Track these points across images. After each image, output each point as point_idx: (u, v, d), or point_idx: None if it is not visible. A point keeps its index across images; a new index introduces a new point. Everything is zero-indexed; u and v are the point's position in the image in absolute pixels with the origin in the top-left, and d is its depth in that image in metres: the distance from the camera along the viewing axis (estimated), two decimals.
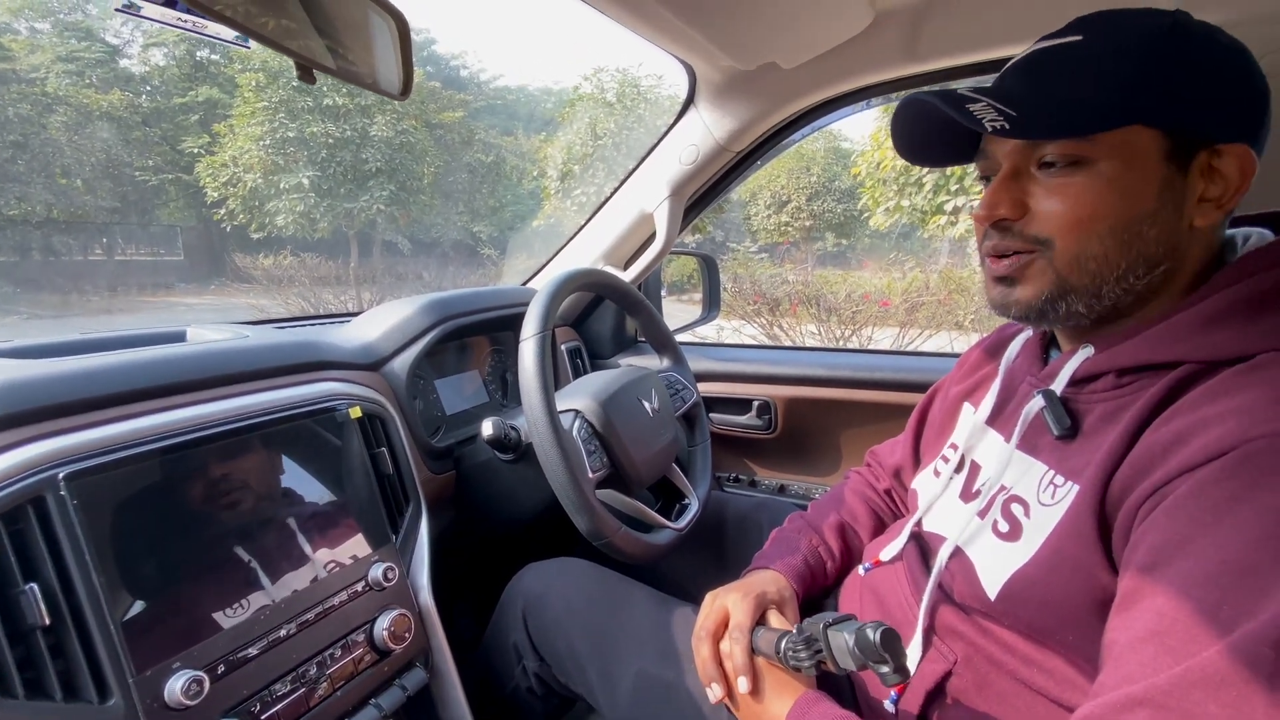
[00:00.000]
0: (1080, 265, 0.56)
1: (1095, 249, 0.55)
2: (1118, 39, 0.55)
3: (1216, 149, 0.54)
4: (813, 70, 1.09)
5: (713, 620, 0.72)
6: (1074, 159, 0.55)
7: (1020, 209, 0.58)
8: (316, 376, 0.87)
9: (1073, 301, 0.58)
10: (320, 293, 10.22)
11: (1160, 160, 0.54)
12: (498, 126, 22.55)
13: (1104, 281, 0.56)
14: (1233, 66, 0.54)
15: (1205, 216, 0.55)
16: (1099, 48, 0.55)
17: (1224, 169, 0.54)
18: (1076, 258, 0.56)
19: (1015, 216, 0.58)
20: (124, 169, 15.84)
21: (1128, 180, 0.54)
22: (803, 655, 0.60)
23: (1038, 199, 0.57)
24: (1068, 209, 0.55)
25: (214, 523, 0.69)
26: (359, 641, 0.77)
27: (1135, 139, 0.53)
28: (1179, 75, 0.53)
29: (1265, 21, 0.77)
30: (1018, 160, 0.58)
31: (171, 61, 17.40)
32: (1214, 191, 0.55)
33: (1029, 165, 0.58)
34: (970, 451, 0.70)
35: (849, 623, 0.58)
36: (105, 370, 0.69)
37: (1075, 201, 0.55)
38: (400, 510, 0.91)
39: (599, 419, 0.96)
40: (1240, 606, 0.40)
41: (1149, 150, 0.54)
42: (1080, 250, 0.56)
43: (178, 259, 17.80)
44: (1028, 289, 0.59)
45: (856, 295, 7.57)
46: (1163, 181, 0.54)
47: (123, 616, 0.59)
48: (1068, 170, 0.55)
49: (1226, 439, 0.45)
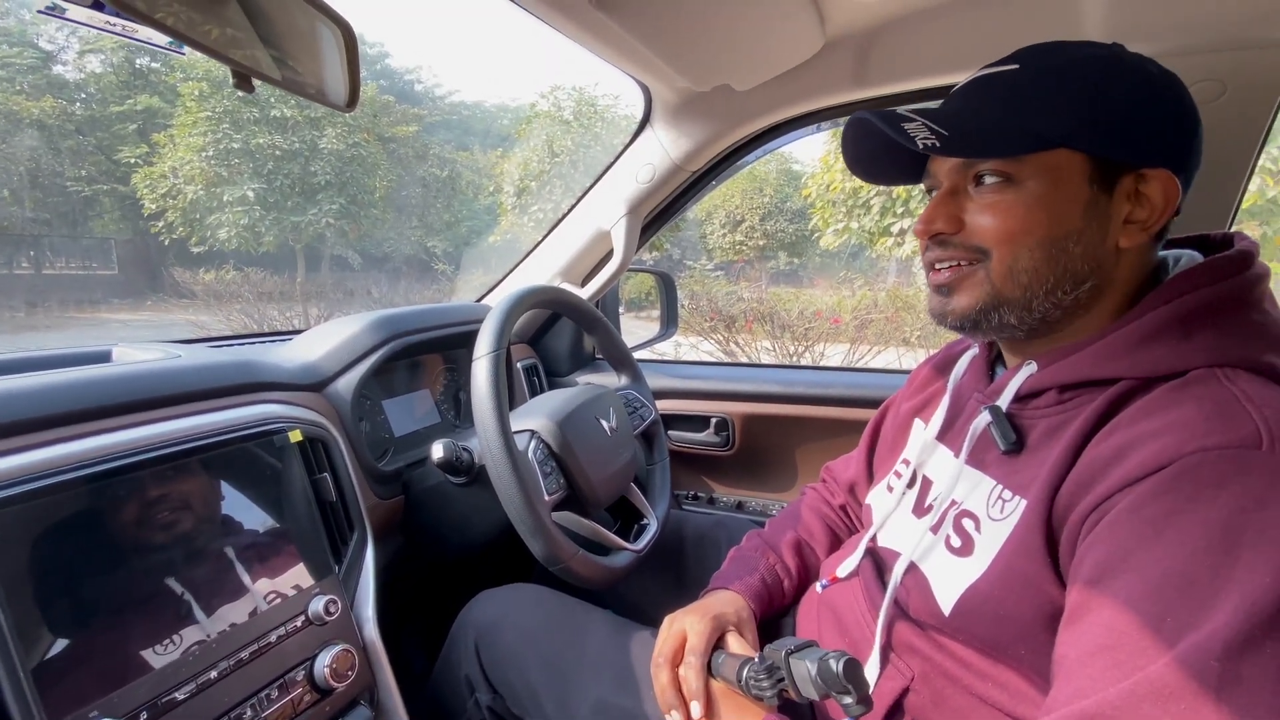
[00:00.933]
0: (1013, 277, 0.58)
1: (1025, 262, 0.58)
2: (1051, 69, 0.58)
3: (1142, 174, 0.56)
4: (766, 93, 1.11)
5: (670, 645, 0.71)
6: (1005, 177, 0.58)
7: (956, 224, 0.61)
8: (254, 398, 0.83)
9: (1005, 313, 0.60)
10: (265, 309, 9.86)
11: (1084, 182, 0.56)
12: (453, 141, 22.35)
13: (1034, 295, 0.58)
14: (1161, 96, 0.57)
15: (1130, 238, 0.58)
16: (1032, 76, 0.58)
17: (1149, 193, 0.57)
18: (1010, 269, 0.58)
19: (951, 231, 0.61)
20: (55, 179, 15.04)
21: (1053, 199, 0.57)
22: (765, 684, 0.59)
23: (971, 214, 0.60)
24: (999, 222, 0.58)
25: (140, 556, 0.64)
26: (298, 680, 0.72)
27: (1061, 161, 0.56)
28: (1105, 103, 0.55)
29: (1197, 52, 0.82)
30: (955, 179, 0.61)
31: (109, 69, 16.68)
32: (1140, 215, 0.57)
33: (965, 183, 0.61)
34: (922, 466, 0.71)
35: (811, 650, 0.57)
36: (21, 393, 0.64)
37: (1005, 216, 0.58)
38: (344, 539, 0.87)
39: (556, 439, 0.94)
40: (1183, 619, 0.41)
41: (1073, 172, 0.56)
42: (1013, 262, 0.58)
43: (111, 273, 16.92)
44: (963, 298, 0.61)
45: (809, 313, 7.73)
46: (1087, 202, 0.57)
47: (35, 660, 0.54)
48: (998, 188, 0.58)
49: (1163, 454, 0.46)
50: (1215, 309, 0.54)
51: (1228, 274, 0.55)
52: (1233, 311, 0.54)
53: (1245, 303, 0.55)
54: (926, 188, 0.67)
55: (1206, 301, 0.54)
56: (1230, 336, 0.52)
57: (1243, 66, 0.82)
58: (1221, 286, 0.55)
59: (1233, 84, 0.83)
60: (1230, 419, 0.46)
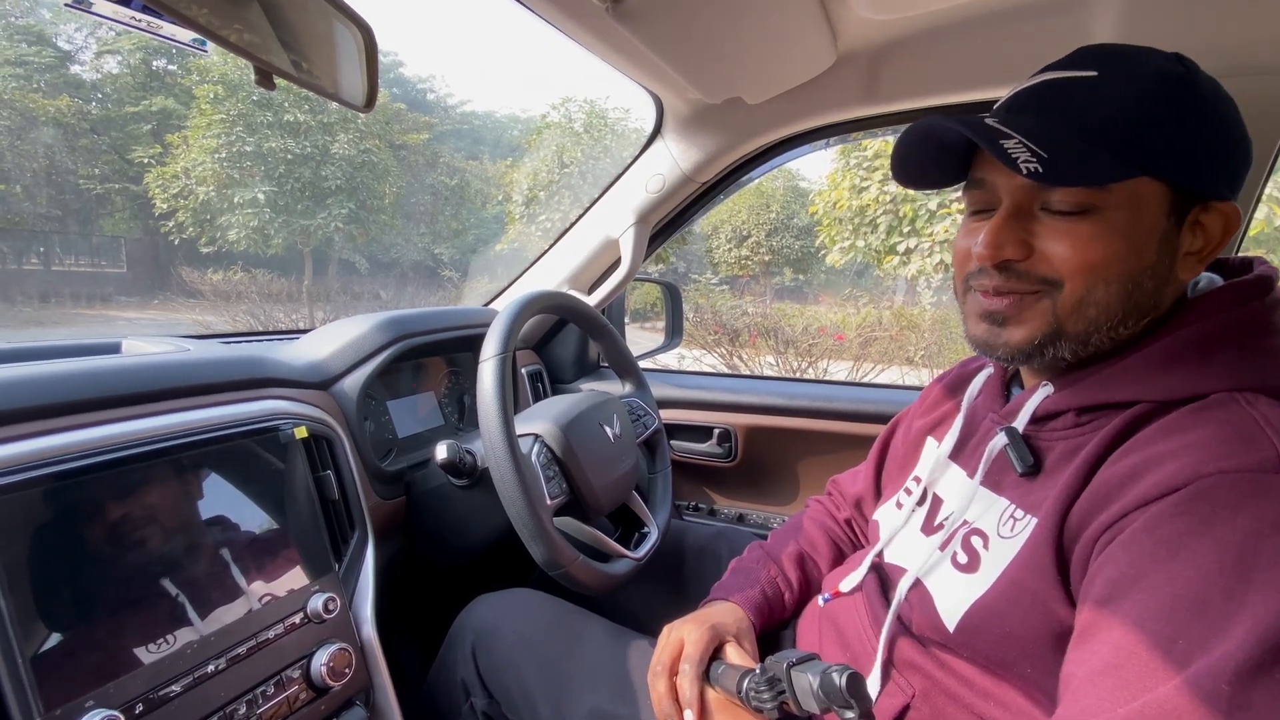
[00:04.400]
0: (1080, 311, 0.55)
1: (1100, 296, 0.54)
2: (1134, 80, 0.54)
3: (1208, 205, 0.55)
4: (776, 107, 1.12)
5: (668, 654, 0.70)
6: (1086, 206, 0.53)
7: (1025, 249, 0.56)
8: (260, 394, 0.83)
9: (1061, 347, 0.57)
10: (271, 310, 9.90)
11: (1163, 214, 0.54)
12: (463, 150, 22.50)
13: (1097, 329, 0.55)
14: (1230, 121, 0.55)
15: (1189, 270, 0.56)
16: (1118, 87, 0.54)
17: (1209, 224, 0.55)
18: (1080, 302, 0.54)
19: (1021, 257, 0.56)
20: (68, 177, 15.18)
21: (1134, 231, 0.53)
22: (765, 696, 0.59)
23: (1045, 241, 0.55)
24: (1078, 254, 0.53)
25: (142, 547, 0.64)
26: (294, 678, 0.72)
27: (1144, 190, 0.53)
28: (1187, 127, 0.53)
29: (1248, 74, 0.81)
30: (1022, 199, 0.56)
31: (125, 69, 16.87)
32: (1196, 245, 0.56)
33: (1034, 206, 0.56)
34: (933, 485, 0.70)
35: (812, 663, 0.57)
36: (31, 380, 0.64)
37: (1087, 247, 0.53)
38: (345, 538, 0.87)
39: (559, 444, 0.94)
40: (1195, 641, 0.41)
41: (1154, 203, 0.53)
42: (1086, 295, 0.54)
43: (120, 271, 17.01)
44: (1021, 330, 0.57)
45: (813, 329, 7.74)
46: (1163, 235, 0.54)
47: (33, 650, 0.54)
48: (1078, 216, 0.54)
49: (1180, 475, 0.46)
50: (1235, 333, 0.54)
51: (1248, 298, 0.55)
52: (1253, 336, 0.54)
53: (1266, 327, 0.54)
54: (974, 202, 0.61)
55: (1227, 326, 0.54)
56: (1250, 361, 0.52)
57: (1251, 92, 0.82)
58: (1242, 311, 0.54)
59: (1242, 109, 0.84)
60: (1249, 442, 0.46)
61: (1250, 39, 0.79)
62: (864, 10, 0.90)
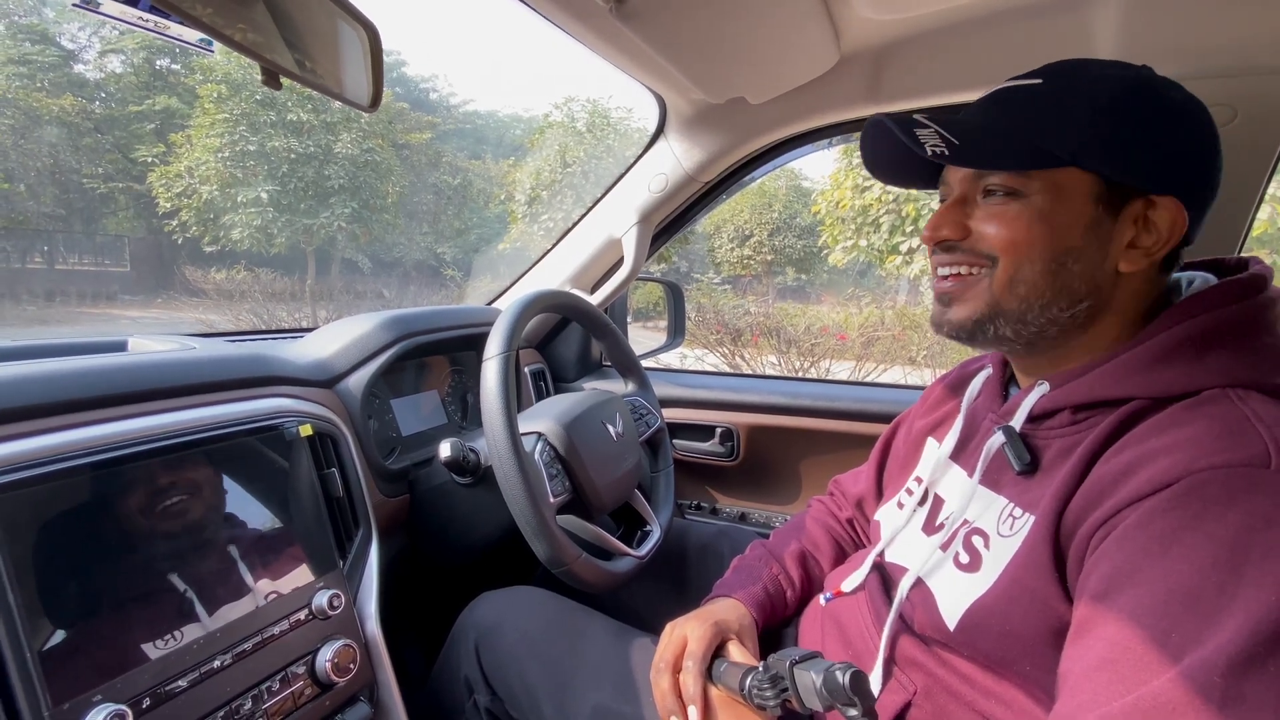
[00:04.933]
0: (1012, 288, 0.59)
1: (1026, 274, 0.58)
2: (1073, 87, 0.58)
3: (1151, 200, 0.56)
4: (779, 107, 1.12)
5: (671, 651, 0.71)
6: (1011, 190, 0.58)
7: (961, 230, 0.62)
8: (266, 392, 0.84)
9: (1001, 325, 0.61)
10: (274, 308, 9.93)
11: (1089, 202, 0.57)
12: (466, 150, 22.53)
13: (1030, 308, 0.59)
14: (1179, 124, 0.56)
15: (1131, 263, 0.58)
16: (1054, 93, 0.58)
17: (1157, 220, 0.57)
18: (1011, 280, 0.59)
19: (957, 237, 0.62)
20: (71, 176, 15.24)
21: (1055, 215, 0.57)
22: (768, 694, 0.59)
23: (979, 222, 0.61)
24: (1003, 232, 0.59)
25: (149, 544, 0.64)
26: (299, 674, 0.72)
27: (1068, 180, 0.57)
28: (1120, 126, 0.56)
29: (1208, 76, 0.82)
30: (966, 188, 0.62)
31: (129, 69, 16.92)
32: (1145, 240, 0.57)
33: (975, 193, 0.62)
34: (934, 485, 0.70)
35: (815, 661, 0.57)
36: (36, 378, 0.64)
37: (1009, 226, 0.58)
38: (349, 535, 0.87)
39: (562, 442, 0.94)
40: (1189, 634, 0.41)
41: (1079, 192, 0.57)
42: (1015, 273, 0.59)
43: (123, 270, 17.06)
44: (963, 309, 0.62)
45: (815, 328, 7.73)
46: (1089, 222, 0.57)
47: (41, 645, 0.55)
48: (1005, 199, 0.59)
49: (1173, 470, 0.47)
50: (1229, 331, 0.54)
51: (1241, 297, 0.55)
52: (1246, 333, 0.54)
53: (1259, 325, 0.55)
54: (941, 195, 0.67)
55: (1220, 323, 0.54)
56: (1243, 358, 0.53)
57: (1254, 92, 0.83)
58: (1235, 309, 0.55)
59: (1244, 109, 0.84)
60: (1240, 438, 0.46)
61: (1252, 39, 0.79)
62: (867, 10, 0.90)
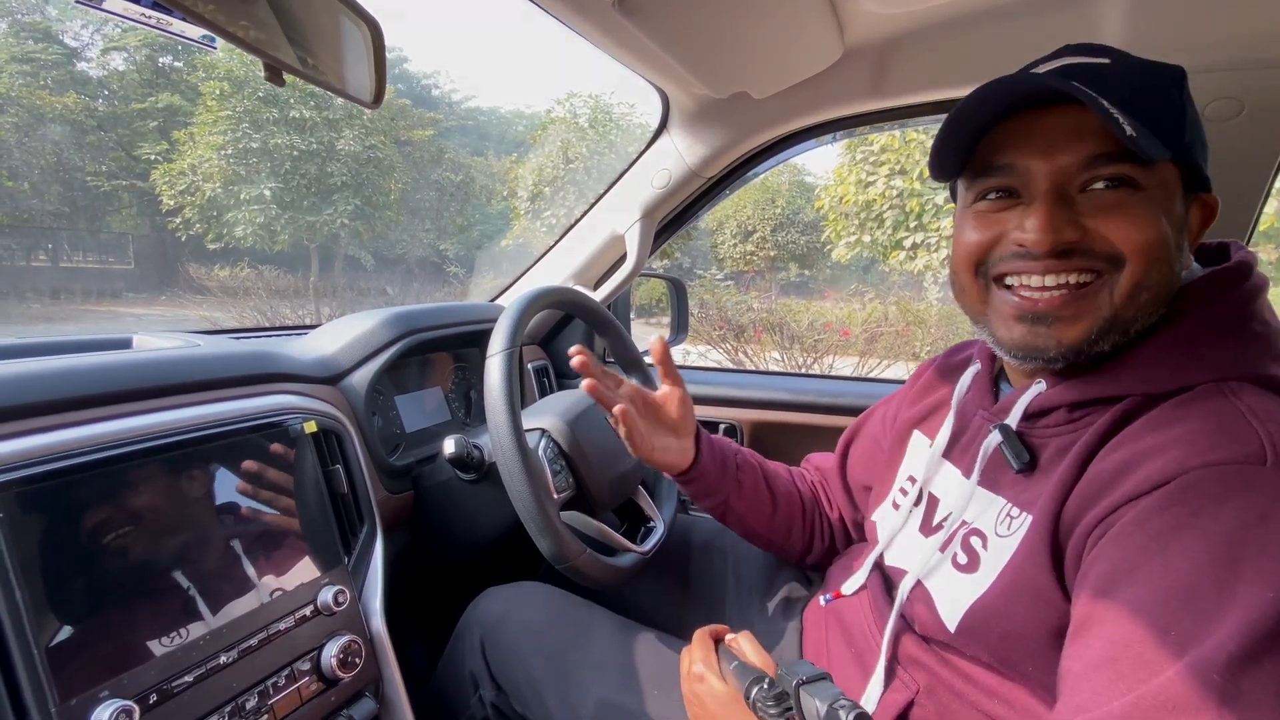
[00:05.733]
0: (1135, 295, 0.53)
1: (1154, 277, 0.52)
2: (1148, 71, 0.54)
3: (1198, 198, 0.56)
4: (783, 101, 1.11)
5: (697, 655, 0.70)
6: (1132, 182, 0.52)
7: (1080, 230, 0.53)
8: (270, 389, 0.84)
9: (1108, 339, 0.54)
10: (277, 306, 9.95)
11: (1181, 199, 0.55)
12: (468, 146, 22.50)
13: (1142, 315, 0.54)
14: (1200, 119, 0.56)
15: (1187, 264, 0.57)
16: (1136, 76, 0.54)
17: (1192, 217, 0.56)
18: (1138, 285, 0.52)
19: (1077, 239, 0.53)
20: (75, 173, 15.26)
21: (1171, 212, 0.53)
22: (772, 711, 0.59)
23: (1095, 220, 0.52)
24: (1138, 230, 0.51)
25: (154, 541, 0.64)
26: (305, 670, 0.73)
27: (1169, 173, 0.54)
28: (1195, 120, 0.54)
29: (1215, 70, 0.82)
30: (1064, 181, 0.54)
31: (132, 66, 16.93)
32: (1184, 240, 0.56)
33: (1072, 189, 0.54)
34: (928, 484, 0.70)
35: (822, 685, 0.56)
36: (42, 375, 0.65)
37: (1145, 224, 0.51)
38: (354, 531, 0.87)
39: (566, 438, 0.95)
40: (1187, 632, 0.41)
41: (1176, 185, 0.54)
42: (1143, 278, 0.52)
43: (127, 268, 17.10)
44: (1077, 328, 0.54)
45: (818, 324, 7.72)
46: (1181, 220, 0.55)
47: (48, 641, 0.55)
48: (1123, 193, 0.52)
49: (1168, 468, 0.46)
50: (1218, 323, 0.54)
51: (1228, 287, 0.55)
52: (1235, 325, 0.54)
53: (1247, 314, 0.54)
54: (992, 188, 0.58)
55: (1211, 316, 0.54)
56: (1233, 350, 0.52)
57: (1261, 85, 0.82)
58: (1223, 301, 0.55)
59: (1250, 103, 0.83)
60: (1235, 434, 0.46)
61: (1261, 32, 0.78)
62: (870, 4, 0.90)
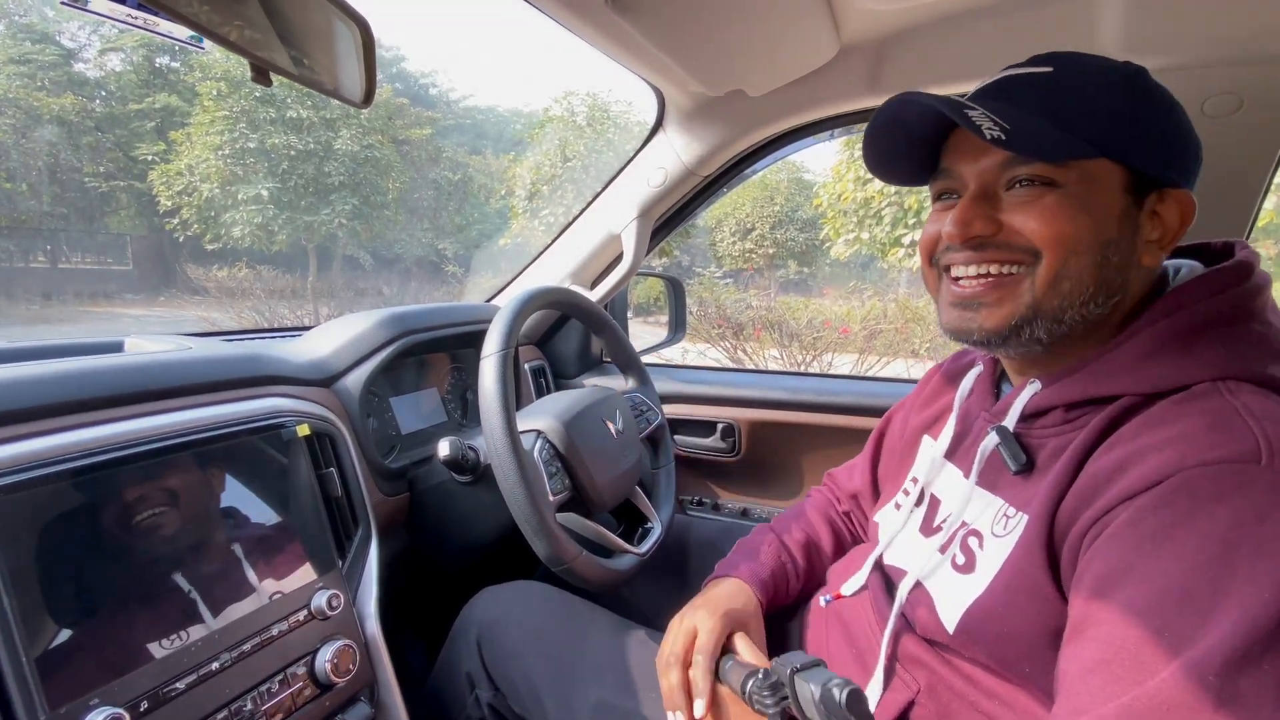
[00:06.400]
0: (1056, 285, 0.56)
1: (1073, 268, 0.55)
2: (1088, 76, 0.57)
3: (1163, 193, 0.56)
4: (779, 99, 1.11)
5: (681, 644, 0.70)
6: (1046, 180, 0.55)
7: (995, 225, 0.57)
8: (263, 392, 0.83)
9: (1036, 327, 0.57)
10: (275, 306, 9.95)
11: (1120, 192, 0.56)
12: (466, 145, 22.49)
13: (1070, 305, 0.56)
14: (1180, 118, 0.57)
15: (1151, 257, 0.57)
16: (1074, 80, 0.57)
17: (1165, 214, 0.56)
18: (1057, 276, 0.55)
19: (991, 232, 0.57)
20: (73, 174, 15.24)
21: (1095, 205, 0.55)
22: (768, 700, 0.59)
23: (1012, 215, 0.57)
24: (1049, 225, 0.55)
25: (146, 546, 0.64)
26: (299, 674, 0.72)
27: (1100, 170, 0.55)
28: (1143, 117, 0.55)
29: (1214, 65, 0.81)
30: (988, 180, 0.58)
31: (129, 67, 16.90)
32: (1155, 234, 0.57)
33: (998, 187, 0.58)
34: (930, 485, 0.70)
35: (817, 671, 0.57)
36: (32, 380, 0.64)
37: (1056, 218, 0.55)
38: (348, 534, 0.87)
39: (561, 440, 0.94)
40: (1182, 633, 0.41)
41: (1111, 181, 0.55)
42: (1061, 268, 0.55)
43: (125, 268, 17.09)
44: (997, 313, 0.58)
45: (817, 322, 7.71)
46: (1122, 213, 0.56)
47: (38, 649, 0.54)
48: (1040, 190, 0.55)
49: (1164, 468, 0.46)
50: (1217, 322, 0.54)
51: (1228, 285, 0.55)
52: (1234, 324, 0.54)
53: (1247, 313, 0.54)
54: (938, 188, 0.63)
55: (1208, 315, 0.54)
56: (1232, 349, 0.52)
57: (1261, 80, 0.82)
58: (1222, 299, 0.54)
59: (1250, 98, 0.83)
60: (1231, 433, 0.46)
61: (1259, 27, 0.78)
62: (866, 0, 0.89)
